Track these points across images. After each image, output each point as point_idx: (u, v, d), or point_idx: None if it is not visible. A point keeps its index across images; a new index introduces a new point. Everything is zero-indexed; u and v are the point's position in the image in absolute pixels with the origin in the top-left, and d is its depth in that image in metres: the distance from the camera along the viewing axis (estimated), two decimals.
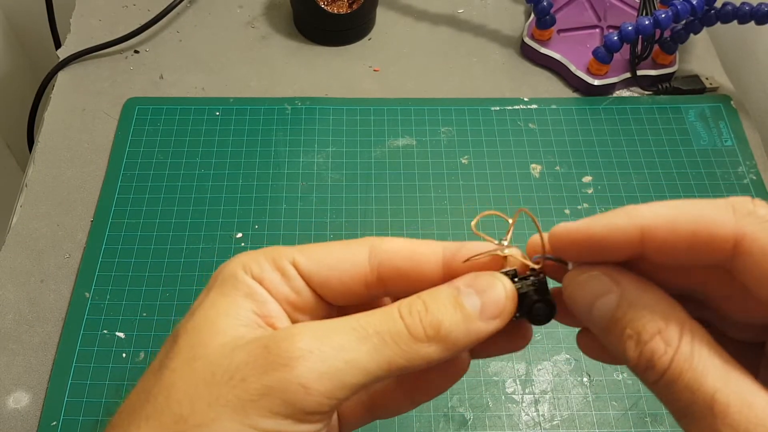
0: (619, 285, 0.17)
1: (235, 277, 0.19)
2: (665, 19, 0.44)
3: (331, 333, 0.18)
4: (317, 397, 0.17)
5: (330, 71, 0.50)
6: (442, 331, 0.18)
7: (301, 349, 0.17)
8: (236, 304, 0.19)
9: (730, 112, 0.48)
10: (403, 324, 0.18)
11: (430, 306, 0.18)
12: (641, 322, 0.16)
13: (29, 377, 0.36)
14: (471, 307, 0.18)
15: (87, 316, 0.38)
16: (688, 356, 0.15)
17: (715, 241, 0.16)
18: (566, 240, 0.18)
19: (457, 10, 0.54)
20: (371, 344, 0.17)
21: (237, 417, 0.16)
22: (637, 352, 0.16)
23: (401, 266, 0.20)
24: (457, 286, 0.19)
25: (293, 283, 0.20)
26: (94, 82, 0.49)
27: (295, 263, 0.20)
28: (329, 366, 0.17)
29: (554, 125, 0.47)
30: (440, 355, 0.18)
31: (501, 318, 0.18)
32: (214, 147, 0.45)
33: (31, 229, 0.41)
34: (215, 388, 0.17)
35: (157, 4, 0.52)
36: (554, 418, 0.35)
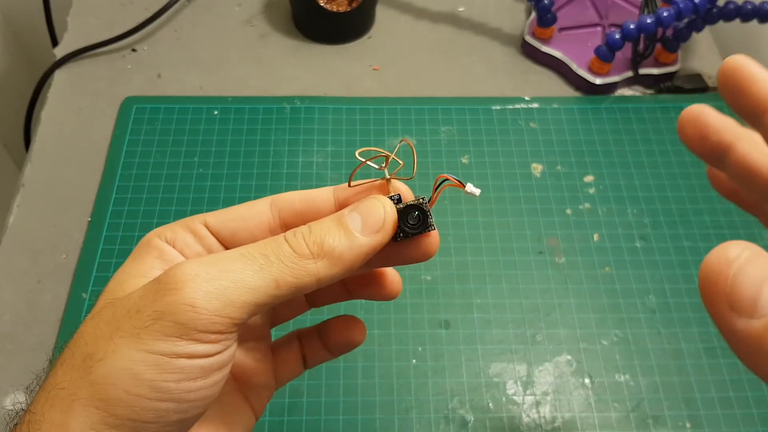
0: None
1: (148, 243, 0.21)
2: (667, 18, 0.43)
3: (218, 259, 0.19)
4: (206, 315, 0.18)
5: (329, 70, 0.49)
6: (326, 247, 0.19)
7: (188, 274, 0.18)
8: (147, 265, 0.20)
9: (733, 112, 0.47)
10: (288, 245, 0.19)
11: (314, 228, 0.20)
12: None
13: (26, 378, 0.36)
14: (353, 223, 0.20)
15: (84, 317, 0.37)
16: None
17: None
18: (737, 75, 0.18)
19: (458, 8, 0.54)
20: (257, 264, 0.19)
21: (134, 344, 0.17)
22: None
23: (299, 209, 0.22)
24: (341, 212, 0.20)
25: (205, 242, 0.21)
26: (91, 80, 0.48)
27: (206, 223, 0.22)
28: (215, 286, 0.18)
29: (555, 124, 0.46)
30: (329, 270, 0.19)
31: (382, 232, 0.20)
32: (213, 146, 0.45)
33: (28, 229, 0.41)
34: (114, 324, 0.18)
35: (155, 2, 0.51)
36: (555, 420, 0.35)
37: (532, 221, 0.42)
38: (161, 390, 0.17)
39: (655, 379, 0.36)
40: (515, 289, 0.39)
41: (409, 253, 0.21)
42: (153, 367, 0.17)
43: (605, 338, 0.37)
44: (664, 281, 0.40)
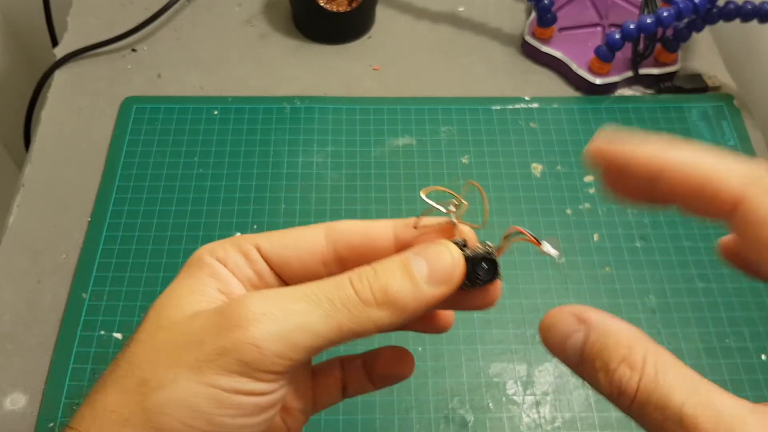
0: (584, 323, 0.18)
1: (201, 260, 0.21)
2: (667, 18, 0.43)
3: (283, 298, 0.19)
4: (269, 356, 0.18)
5: (329, 70, 0.49)
6: (390, 296, 0.19)
7: (254, 312, 0.18)
8: (200, 282, 0.20)
9: (733, 112, 0.47)
10: (353, 289, 0.19)
11: (379, 272, 0.19)
12: (607, 353, 0.17)
13: (26, 378, 0.36)
14: (418, 272, 0.19)
15: (84, 316, 0.37)
16: (653, 377, 0.16)
17: (718, 196, 0.17)
18: (603, 154, 0.19)
19: (458, 8, 0.54)
20: (322, 309, 0.18)
21: (194, 376, 0.17)
22: (607, 381, 0.17)
23: (356, 243, 0.21)
24: (407, 255, 0.20)
25: (256, 266, 0.21)
26: (91, 80, 0.48)
27: (258, 247, 0.21)
28: (281, 328, 0.18)
29: (555, 124, 0.46)
30: (390, 319, 0.19)
31: (449, 283, 0.20)
32: (213, 146, 0.45)
33: (28, 229, 0.41)
34: (174, 352, 0.18)
35: (155, 2, 0.51)
36: (555, 420, 0.35)
37: (532, 221, 0.42)
38: (216, 424, 0.17)
39: None
40: (515, 289, 0.39)
41: (471, 301, 0.21)
42: (211, 401, 0.17)
43: None
44: (664, 281, 0.40)
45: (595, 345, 0.18)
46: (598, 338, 0.18)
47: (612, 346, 0.17)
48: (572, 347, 0.18)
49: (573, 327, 0.18)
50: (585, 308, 0.19)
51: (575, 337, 0.18)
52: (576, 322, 0.18)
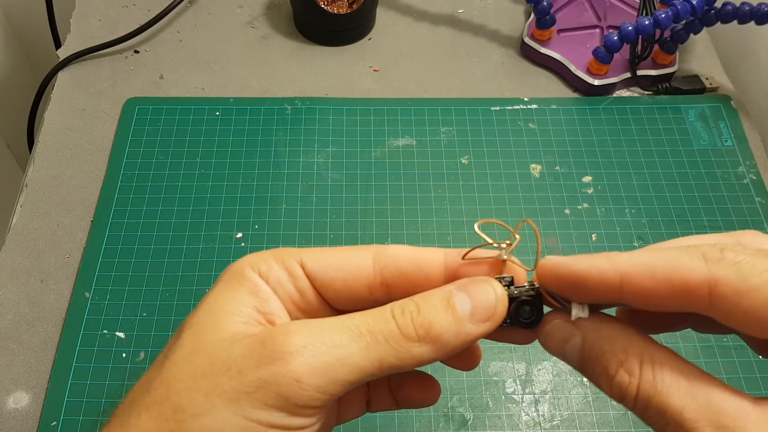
0: (580, 328, 0.18)
1: (242, 274, 0.20)
2: (665, 19, 0.44)
3: (325, 330, 0.18)
4: (309, 391, 0.17)
5: (330, 71, 0.50)
6: (433, 332, 0.18)
7: (295, 344, 0.17)
8: (239, 300, 0.19)
9: (730, 112, 0.48)
10: (395, 324, 0.18)
11: (422, 307, 0.19)
12: (605, 358, 0.17)
13: (29, 377, 0.36)
14: (461, 309, 0.19)
15: (87, 315, 0.38)
16: (651, 381, 0.16)
17: (690, 289, 0.16)
18: (552, 274, 0.19)
19: (457, 10, 0.54)
20: (364, 343, 0.18)
21: (232, 408, 0.17)
22: (608, 386, 0.17)
23: (405, 270, 0.20)
24: (449, 289, 0.19)
25: (299, 283, 0.20)
26: (94, 82, 0.49)
27: (302, 263, 0.20)
28: (322, 362, 0.17)
29: (554, 125, 0.47)
30: (431, 355, 0.18)
31: (491, 321, 0.19)
32: (214, 147, 0.45)
33: (31, 228, 0.41)
34: (213, 380, 0.17)
35: (157, 4, 0.52)
36: (554, 418, 0.35)
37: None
38: None
39: None
40: None
41: (511, 337, 0.21)
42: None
43: None
44: None
45: (592, 351, 0.18)
46: (594, 344, 0.18)
47: (608, 352, 0.17)
48: (571, 353, 0.18)
49: (568, 333, 0.18)
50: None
51: (572, 343, 0.18)
52: (570, 328, 0.18)
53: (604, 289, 0.17)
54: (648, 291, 0.17)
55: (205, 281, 0.39)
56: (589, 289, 0.18)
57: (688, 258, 0.16)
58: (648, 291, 0.17)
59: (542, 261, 0.19)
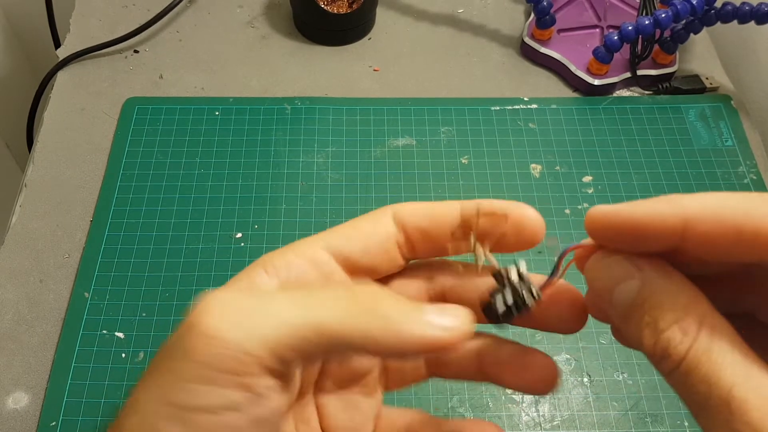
0: (641, 271, 0.16)
1: (248, 274, 0.19)
2: (665, 19, 0.44)
3: (262, 292, 0.16)
4: (225, 348, 0.15)
5: (330, 71, 0.50)
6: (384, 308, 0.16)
7: (216, 300, 0.16)
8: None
9: (731, 112, 0.48)
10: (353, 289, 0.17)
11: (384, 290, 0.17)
12: (660, 310, 0.15)
13: (28, 377, 0.36)
14: (426, 308, 0.17)
15: (86, 316, 0.38)
16: (705, 348, 0.15)
17: (761, 238, 0.15)
18: (603, 222, 0.17)
19: (457, 9, 0.54)
20: (301, 298, 0.16)
21: (159, 395, 0.15)
22: (653, 340, 0.15)
23: (423, 226, 0.19)
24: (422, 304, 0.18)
25: (324, 269, 0.19)
26: (93, 82, 0.48)
27: (328, 245, 0.19)
28: (244, 316, 0.15)
29: (554, 125, 0.47)
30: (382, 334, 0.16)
31: (453, 332, 0.16)
32: (214, 147, 0.45)
33: (31, 228, 0.41)
34: (152, 367, 0.16)
35: (157, 4, 0.51)
36: (554, 419, 0.35)
37: None
38: None
39: (654, 377, 0.36)
40: None
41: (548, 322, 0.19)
42: (174, 424, 0.15)
43: (604, 337, 0.38)
44: None
45: (648, 298, 0.16)
46: (654, 291, 0.16)
47: (667, 304, 0.15)
48: (621, 295, 0.16)
49: (628, 272, 0.16)
50: (642, 256, 0.16)
51: (628, 285, 0.16)
52: (630, 268, 0.16)
53: (664, 238, 0.16)
54: (714, 237, 0.15)
55: (204, 281, 0.39)
56: (647, 238, 0.16)
57: (764, 205, 0.15)
58: (714, 237, 0.15)
59: (590, 210, 0.17)
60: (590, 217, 0.17)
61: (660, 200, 0.16)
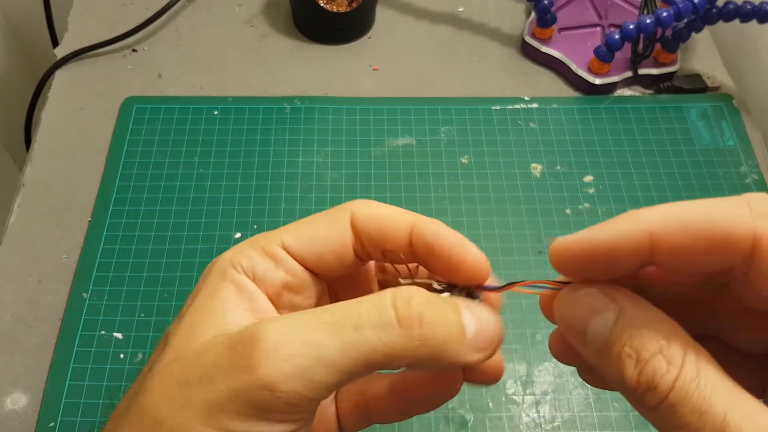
0: (616, 302, 0.16)
1: (222, 273, 0.19)
2: (667, 18, 0.43)
3: (302, 327, 0.17)
4: (285, 397, 0.16)
5: (329, 70, 0.50)
6: (436, 338, 0.17)
7: (266, 348, 0.16)
8: (222, 301, 0.19)
9: (732, 112, 0.47)
10: (395, 314, 0.17)
11: (428, 306, 0.17)
12: (641, 340, 0.15)
13: (27, 378, 0.36)
14: (468, 329, 0.17)
15: (85, 316, 0.37)
16: (693, 376, 0.14)
17: (731, 243, 0.14)
18: (569, 254, 0.17)
19: (458, 8, 0.54)
20: (345, 340, 0.16)
21: (207, 420, 0.16)
22: (636, 372, 0.15)
23: (374, 238, 0.20)
24: (457, 303, 0.18)
25: (286, 266, 0.19)
26: (91, 81, 0.48)
27: (285, 246, 0.20)
28: (296, 365, 0.16)
29: (555, 124, 0.47)
30: (422, 361, 0.17)
31: (486, 354, 0.18)
32: (213, 146, 0.45)
33: (29, 229, 0.41)
34: (187, 391, 0.17)
35: (156, 3, 0.51)
36: (555, 420, 0.35)
37: (531, 221, 0.42)
38: None
39: None
40: None
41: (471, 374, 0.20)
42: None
43: None
44: None
45: (626, 330, 0.15)
46: (632, 323, 0.15)
47: (647, 335, 0.15)
48: (596, 328, 0.16)
49: (602, 304, 0.16)
50: (617, 287, 0.16)
51: (602, 317, 0.16)
52: (605, 300, 0.16)
53: (633, 256, 0.15)
54: (683, 248, 0.15)
55: None
56: (616, 260, 0.16)
57: (730, 208, 0.14)
58: (683, 248, 0.15)
59: (552, 245, 0.17)
60: (554, 251, 0.17)
61: (620, 219, 0.16)
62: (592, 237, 0.16)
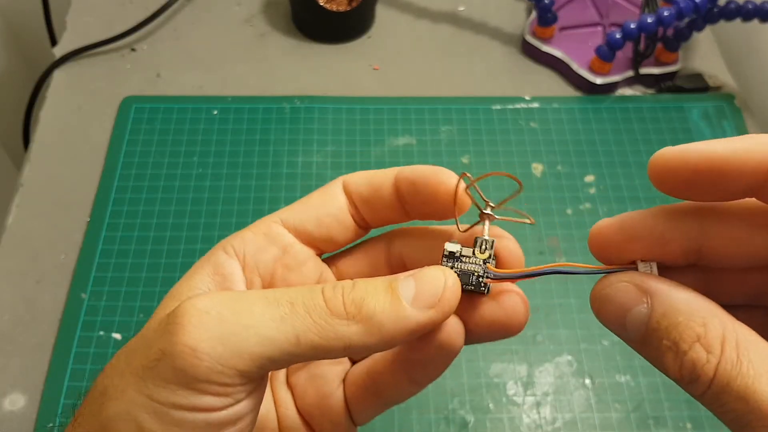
0: (648, 293, 0.15)
1: (207, 258, 0.19)
2: (668, 17, 0.43)
3: (237, 298, 0.16)
4: (208, 362, 0.15)
5: (329, 69, 0.49)
6: (365, 310, 0.16)
7: (197, 310, 0.16)
8: (196, 280, 0.19)
9: (734, 111, 0.47)
10: (322, 297, 0.16)
11: (358, 284, 0.17)
12: (678, 330, 0.15)
13: (25, 379, 0.35)
14: (403, 292, 0.17)
15: (83, 317, 0.37)
16: (734, 362, 0.14)
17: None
18: (676, 164, 0.15)
19: (458, 7, 0.54)
20: (279, 312, 0.16)
21: (138, 386, 0.16)
22: (677, 365, 0.14)
23: (364, 195, 0.20)
24: (395, 275, 0.18)
25: (281, 241, 0.20)
26: (90, 80, 0.48)
27: (283, 220, 0.20)
28: (224, 330, 0.15)
29: (556, 124, 0.46)
30: (362, 338, 0.16)
31: (437, 309, 0.17)
32: (212, 146, 0.45)
33: (27, 229, 0.41)
34: (130, 357, 0.16)
35: (154, 2, 0.51)
36: (556, 421, 0.35)
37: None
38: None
39: (656, 379, 0.36)
40: None
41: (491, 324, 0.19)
42: (153, 416, 0.15)
43: (606, 338, 0.37)
44: None
45: (662, 321, 0.15)
46: (666, 313, 0.15)
47: (683, 324, 0.14)
48: (634, 323, 0.16)
49: (634, 299, 0.16)
50: (647, 277, 0.16)
51: (637, 311, 0.16)
52: (637, 293, 0.16)
53: (748, 177, 0.14)
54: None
55: None
56: (727, 180, 0.15)
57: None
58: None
59: (657, 155, 0.16)
60: (659, 159, 0.16)
61: (738, 138, 0.15)
62: (707, 149, 0.15)
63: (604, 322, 0.17)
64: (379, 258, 0.21)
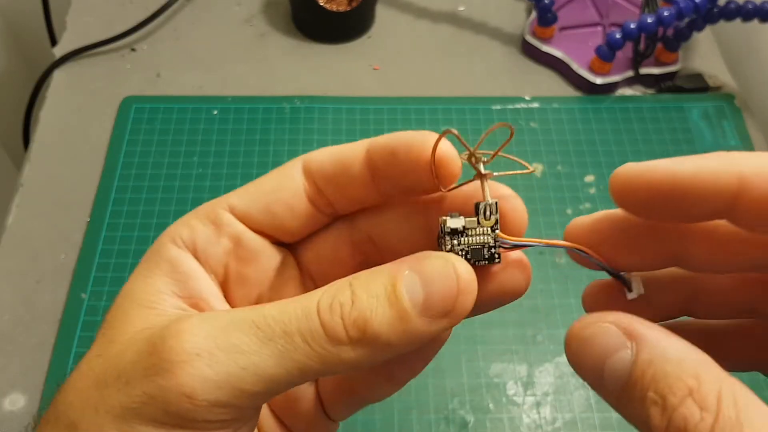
0: (634, 337, 0.13)
1: (158, 253, 0.17)
2: (668, 17, 0.43)
3: (227, 329, 0.15)
4: (206, 405, 0.14)
5: (329, 69, 0.49)
6: (369, 332, 0.14)
7: (186, 352, 0.14)
8: (153, 287, 0.17)
9: (734, 112, 0.47)
10: (319, 321, 0.15)
11: (357, 297, 0.15)
12: (667, 381, 0.13)
13: (25, 379, 0.35)
14: (410, 299, 0.15)
15: (83, 317, 0.37)
16: (733, 421, 0.12)
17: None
18: (638, 183, 0.14)
19: (458, 7, 0.54)
20: (275, 347, 0.14)
21: (119, 426, 0.14)
22: (664, 422, 0.12)
23: (331, 173, 0.18)
24: (397, 269, 0.15)
25: (230, 230, 0.17)
26: (90, 80, 0.48)
27: (231, 207, 0.18)
28: (219, 372, 0.14)
29: (556, 124, 0.46)
30: (370, 359, 0.15)
31: (452, 317, 0.15)
32: (212, 146, 0.45)
33: (27, 229, 0.41)
34: (104, 391, 0.15)
35: (154, 2, 0.51)
36: (556, 421, 0.35)
37: (532, 221, 0.41)
38: None
39: None
40: None
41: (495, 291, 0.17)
42: None
43: None
44: None
45: (648, 370, 0.13)
46: (653, 361, 0.13)
47: (673, 374, 0.13)
48: (613, 370, 0.14)
49: (617, 342, 0.14)
50: (633, 319, 0.14)
51: (620, 357, 0.13)
52: (621, 336, 0.14)
53: (714, 199, 0.13)
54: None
55: None
56: (693, 201, 0.13)
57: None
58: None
59: (618, 171, 0.14)
60: (620, 177, 0.15)
61: (707, 156, 0.14)
62: (673, 167, 0.14)
63: (579, 367, 0.14)
64: (342, 240, 0.19)
